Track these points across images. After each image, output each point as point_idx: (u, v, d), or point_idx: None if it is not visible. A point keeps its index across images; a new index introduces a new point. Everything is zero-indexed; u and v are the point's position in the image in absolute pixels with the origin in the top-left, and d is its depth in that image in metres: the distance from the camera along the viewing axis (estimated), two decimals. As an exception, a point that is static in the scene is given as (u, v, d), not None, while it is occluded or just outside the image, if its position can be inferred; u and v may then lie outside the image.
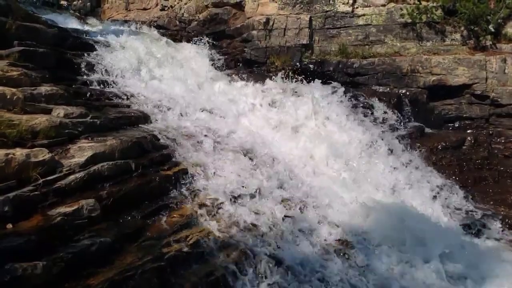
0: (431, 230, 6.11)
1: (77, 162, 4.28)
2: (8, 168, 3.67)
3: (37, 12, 9.89)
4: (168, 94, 7.40)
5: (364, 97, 9.26)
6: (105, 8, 17.49)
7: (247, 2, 11.09)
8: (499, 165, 8.36)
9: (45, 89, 5.34)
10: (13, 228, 3.35)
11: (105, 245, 3.70)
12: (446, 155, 8.42)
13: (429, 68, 9.43)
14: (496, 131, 8.94)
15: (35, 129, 4.39)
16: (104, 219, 4.02)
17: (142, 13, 15.64)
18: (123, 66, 7.75)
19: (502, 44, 9.44)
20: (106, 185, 4.34)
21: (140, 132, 5.68)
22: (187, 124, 6.65)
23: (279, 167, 6.55)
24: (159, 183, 4.93)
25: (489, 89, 8.95)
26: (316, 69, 10.10)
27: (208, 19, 11.55)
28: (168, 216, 4.61)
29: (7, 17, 6.52)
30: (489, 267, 5.75)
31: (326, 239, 5.50)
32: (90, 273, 3.43)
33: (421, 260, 5.54)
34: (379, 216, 6.09)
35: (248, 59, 10.75)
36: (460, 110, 9.34)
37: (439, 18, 9.76)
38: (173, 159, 5.55)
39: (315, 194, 6.29)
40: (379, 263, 5.37)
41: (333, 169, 7.15)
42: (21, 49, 6.00)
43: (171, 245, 4.17)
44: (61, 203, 3.84)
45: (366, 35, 10.33)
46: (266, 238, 4.97)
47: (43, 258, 3.20)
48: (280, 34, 10.59)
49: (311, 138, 7.69)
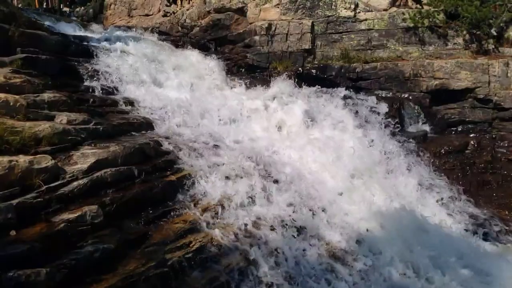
0: (436, 235, 6.10)
1: (80, 169, 4.29)
2: (11, 175, 3.68)
3: (40, 19, 9.92)
4: (171, 100, 7.39)
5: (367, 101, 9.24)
6: (108, 14, 17.59)
7: (249, 8, 11.12)
8: (502, 169, 8.32)
9: (48, 96, 5.35)
10: (17, 235, 3.35)
11: (108, 252, 3.70)
12: (449, 159, 8.40)
13: (431, 73, 9.40)
14: (499, 135, 8.90)
15: (38, 136, 4.40)
16: (107, 225, 4.02)
17: (145, 19, 15.72)
18: (126, 72, 7.75)
19: (505, 48, 9.42)
20: (109, 192, 4.34)
21: (143, 138, 5.69)
22: (189, 130, 6.65)
23: (286, 170, 6.55)
24: (162, 189, 4.92)
25: (492, 93, 8.92)
26: (318, 74, 10.09)
27: (210, 25, 11.59)
28: (171, 222, 4.61)
29: (10, 24, 6.55)
30: (495, 271, 5.73)
31: (332, 245, 5.48)
32: (93, 280, 3.44)
33: (428, 265, 5.52)
34: (386, 220, 6.07)
35: (251, 65, 10.76)
36: (463, 114, 9.30)
37: (441, 22, 9.74)
38: (176, 165, 5.55)
39: (320, 199, 6.28)
40: (386, 269, 5.35)
41: (336, 172, 7.12)
42: (24, 56, 6.02)
43: (174, 251, 4.18)
44: (64, 209, 3.85)
45: (369, 40, 10.34)
46: (270, 243, 4.95)
47: (46, 265, 3.21)
48: (282, 39, 10.62)
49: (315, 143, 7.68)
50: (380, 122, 8.73)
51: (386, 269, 5.34)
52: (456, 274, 5.49)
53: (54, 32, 8.36)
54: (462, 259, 5.74)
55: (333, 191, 6.63)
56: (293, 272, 4.73)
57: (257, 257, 4.64)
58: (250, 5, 11.12)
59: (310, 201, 6.10)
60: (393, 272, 5.33)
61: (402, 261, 5.51)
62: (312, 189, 6.40)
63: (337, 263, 5.16)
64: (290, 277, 4.64)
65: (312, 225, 5.66)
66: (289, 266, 4.75)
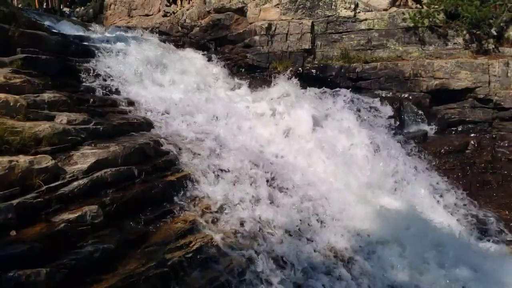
0: (436, 235, 6.10)
1: (80, 169, 4.28)
2: (11, 175, 3.68)
3: (40, 19, 9.91)
4: (171, 100, 7.39)
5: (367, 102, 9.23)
6: (108, 14, 17.61)
7: (249, 8, 11.12)
8: (502, 168, 8.32)
9: (48, 96, 5.35)
10: (17, 235, 3.35)
11: (108, 252, 3.69)
12: (449, 159, 8.40)
13: (431, 72, 9.41)
14: (500, 134, 8.90)
15: (38, 136, 4.39)
16: (107, 225, 4.01)
17: (145, 19, 15.74)
18: (126, 72, 7.73)
19: (505, 48, 9.41)
20: (109, 192, 4.34)
21: (143, 139, 5.67)
22: (189, 130, 6.65)
23: (290, 173, 6.54)
24: (162, 189, 4.92)
25: (492, 93, 8.92)
26: (318, 74, 10.08)
27: (210, 25, 11.59)
28: (171, 222, 4.60)
29: (10, 24, 6.55)
30: (495, 270, 5.73)
31: (331, 244, 5.48)
32: (93, 280, 3.43)
33: (428, 264, 5.52)
34: (385, 221, 6.07)
35: (251, 65, 10.76)
36: (463, 114, 9.30)
37: (442, 22, 9.74)
38: (176, 165, 5.55)
39: (320, 198, 6.28)
40: (387, 268, 5.35)
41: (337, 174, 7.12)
42: (24, 56, 6.01)
43: (174, 251, 4.17)
44: (64, 209, 3.84)
45: (368, 40, 10.34)
46: (270, 243, 4.96)
47: (46, 265, 3.20)
48: (282, 39, 10.62)
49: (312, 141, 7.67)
50: (383, 125, 8.67)
51: (386, 268, 5.35)
52: (456, 274, 5.50)
53: (54, 32, 8.35)
54: (462, 259, 5.73)
55: (336, 192, 6.64)
56: (294, 272, 4.73)
57: (257, 258, 4.64)
58: (250, 5, 11.12)
59: (314, 204, 6.11)
60: (394, 273, 5.34)
61: (403, 262, 5.52)
62: (317, 192, 6.41)
63: (336, 262, 5.16)
64: (290, 277, 4.65)
65: (311, 224, 5.67)
66: (290, 266, 4.75)
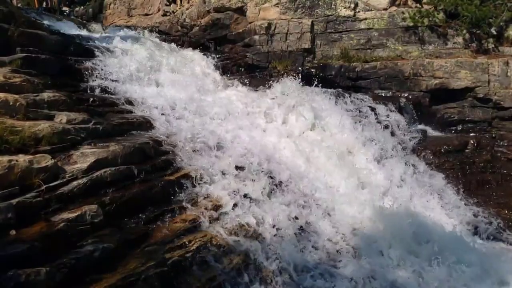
0: (436, 234, 6.10)
1: (80, 168, 4.29)
2: (11, 175, 3.68)
3: (40, 18, 9.90)
4: (170, 100, 7.37)
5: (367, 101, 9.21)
6: (107, 14, 17.61)
7: (248, 7, 11.10)
8: (502, 168, 8.34)
9: (48, 95, 5.35)
10: (16, 235, 3.35)
11: (108, 251, 3.69)
12: (449, 159, 8.40)
13: (431, 72, 9.42)
14: (499, 134, 8.92)
15: (37, 135, 4.40)
16: (107, 225, 4.01)
17: (144, 19, 15.73)
18: (126, 71, 7.73)
19: (505, 47, 9.42)
20: (109, 191, 4.35)
21: (143, 138, 5.67)
22: (188, 129, 6.63)
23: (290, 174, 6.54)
24: (162, 188, 4.92)
25: (492, 92, 8.93)
26: (318, 74, 10.08)
27: (210, 24, 11.57)
28: (171, 222, 4.60)
29: (10, 24, 6.54)
30: (494, 269, 5.73)
31: (333, 244, 5.48)
32: (93, 279, 3.43)
33: (429, 263, 5.52)
34: (386, 220, 6.07)
35: (250, 64, 10.73)
36: (463, 114, 9.32)
37: (441, 22, 9.74)
38: (176, 164, 5.55)
39: (321, 198, 6.29)
40: (388, 267, 5.35)
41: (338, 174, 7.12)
42: (23, 56, 6.01)
43: (174, 250, 4.17)
44: (64, 209, 3.85)
45: (368, 39, 10.34)
46: (270, 242, 4.96)
47: (46, 264, 3.20)
48: (282, 39, 10.61)
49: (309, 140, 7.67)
50: (383, 125, 8.66)
51: (387, 267, 5.35)
52: (456, 273, 5.50)
53: (54, 31, 8.34)
54: (462, 258, 5.73)
55: (336, 192, 6.66)
56: (294, 271, 4.73)
57: (257, 257, 4.64)
58: (249, 5, 11.09)
59: (314, 204, 6.12)
60: (394, 272, 5.34)
61: (402, 261, 5.52)
62: (317, 192, 6.42)
63: (338, 261, 5.16)
64: (291, 276, 4.65)
65: (312, 223, 5.67)
66: (290, 265, 4.75)
